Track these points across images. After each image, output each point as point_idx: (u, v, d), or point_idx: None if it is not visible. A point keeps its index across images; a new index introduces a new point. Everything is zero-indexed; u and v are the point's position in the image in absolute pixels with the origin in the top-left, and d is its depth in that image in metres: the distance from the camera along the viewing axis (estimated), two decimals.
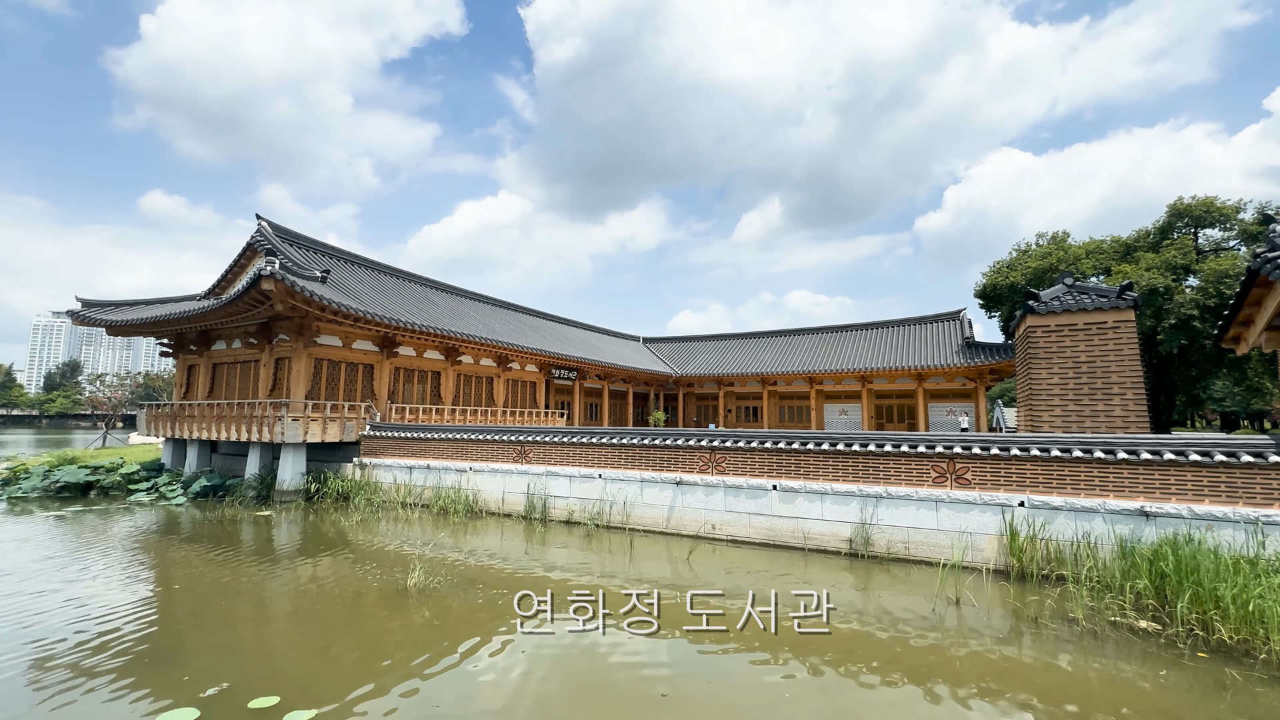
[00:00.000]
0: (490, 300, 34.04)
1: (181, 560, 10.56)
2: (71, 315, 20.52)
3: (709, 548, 11.34)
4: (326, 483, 17.35)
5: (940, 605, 8.05)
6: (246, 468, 18.22)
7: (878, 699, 5.55)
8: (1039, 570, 9.10)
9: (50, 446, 39.46)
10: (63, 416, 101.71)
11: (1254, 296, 9.28)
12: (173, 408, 20.13)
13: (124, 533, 13.00)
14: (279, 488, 17.00)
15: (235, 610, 7.95)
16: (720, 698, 5.58)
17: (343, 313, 16.88)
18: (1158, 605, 7.76)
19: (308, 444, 17.89)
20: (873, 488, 10.66)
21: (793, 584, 9.09)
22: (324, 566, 10.21)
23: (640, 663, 6.31)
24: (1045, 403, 12.57)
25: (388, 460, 17.34)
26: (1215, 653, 6.51)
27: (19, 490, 17.83)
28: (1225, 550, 7.89)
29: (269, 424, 17.09)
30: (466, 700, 5.50)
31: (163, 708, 5.23)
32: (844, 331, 41.57)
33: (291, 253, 20.66)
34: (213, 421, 18.70)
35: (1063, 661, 6.37)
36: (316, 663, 6.28)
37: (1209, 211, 28.91)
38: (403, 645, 6.74)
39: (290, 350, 18.18)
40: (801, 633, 6.87)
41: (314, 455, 18.64)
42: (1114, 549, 8.73)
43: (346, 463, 18.15)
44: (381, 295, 23.01)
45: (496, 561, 10.54)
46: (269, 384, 18.57)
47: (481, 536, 12.64)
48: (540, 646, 6.71)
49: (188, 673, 5.91)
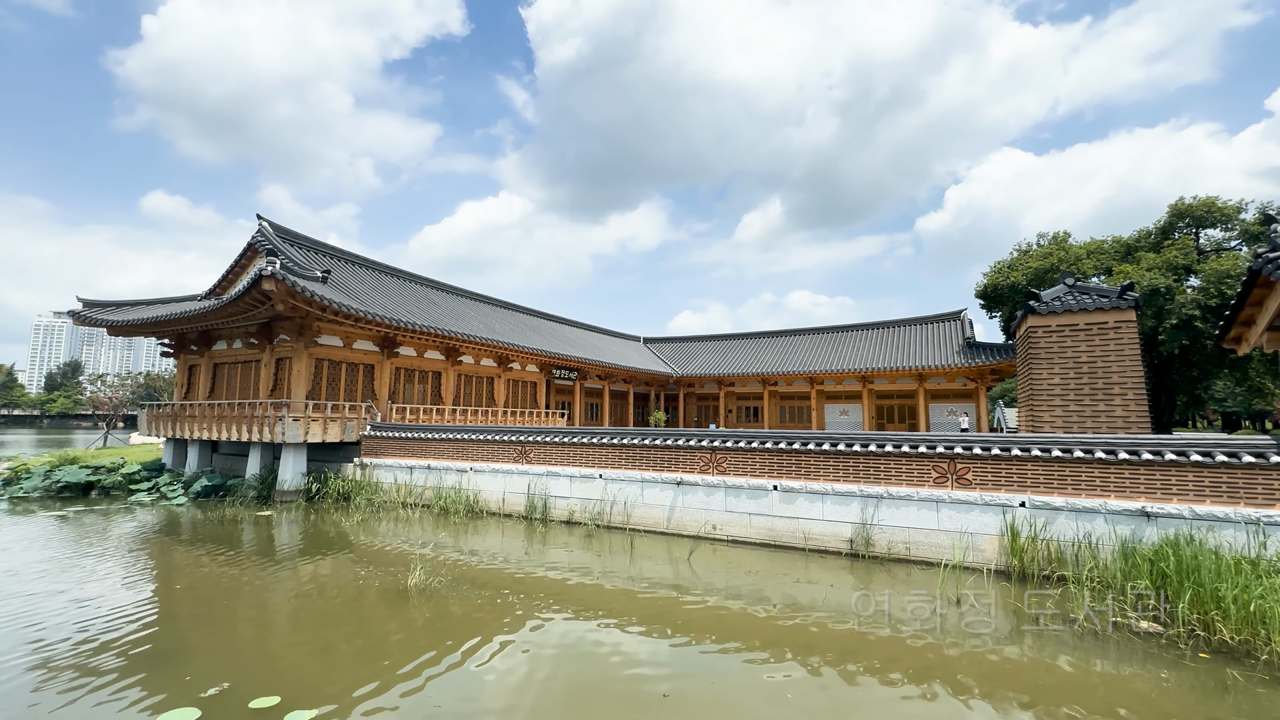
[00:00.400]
0: (491, 300, 34.05)
1: (182, 560, 10.56)
2: (73, 315, 20.53)
3: (710, 548, 11.34)
4: (327, 483, 17.36)
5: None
6: (247, 468, 18.23)
7: (878, 698, 5.54)
8: (1040, 571, 9.09)
9: (51, 446, 39.50)
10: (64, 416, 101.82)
11: (1255, 297, 9.26)
12: (174, 408, 20.14)
13: (125, 533, 13.01)
14: (280, 488, 17.01)
15: (236, 610, 7.95)
16: (721, 698, 5.58)
17: (343, 313, 16.89)
18: (1159, 606, 7.75)
19: (309, 444, 17.90)
20: (873, 488, 10.65)
21: (793, 584, 9.08)
22: (325, 566, 10.22)
23: (641, 663, 6.30)
24: (1046, 403, 12.55)
25: (388, 460, 17.35)
26: (1216, 653, 6.50)
27: (20, 490, 17.85)
28: (1226, 551, 7.88)
29: (270, 424, 17.10)
30: (468, 700, 5.50)
31: (164, 707, 5.23)
32: (845, 332, 41.54)
33: (292, 253, 20.67)
34: (214, 421, 18.71)
35: (1063, 662, 6.37)
36: (317, 663, 6.28)
37: (1210, 212, 28.87)
38: (404, 645, 6.74)
39: (291, 350, 18.19)
40: (802, 633, 6.86)
41: (315, 455, 18.65)
42: (1115, 549, 8.71)
43: (347, 463, 18.15)
44: (382, 295, 23.01)
45: (498, 562, 10.54)
46: (270, 384, 18.58)
47: (482, 537, 12.64)
48: (542, 647, 6.71)
49: (189, 672, 5.91)
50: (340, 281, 21.20)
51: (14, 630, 7.10)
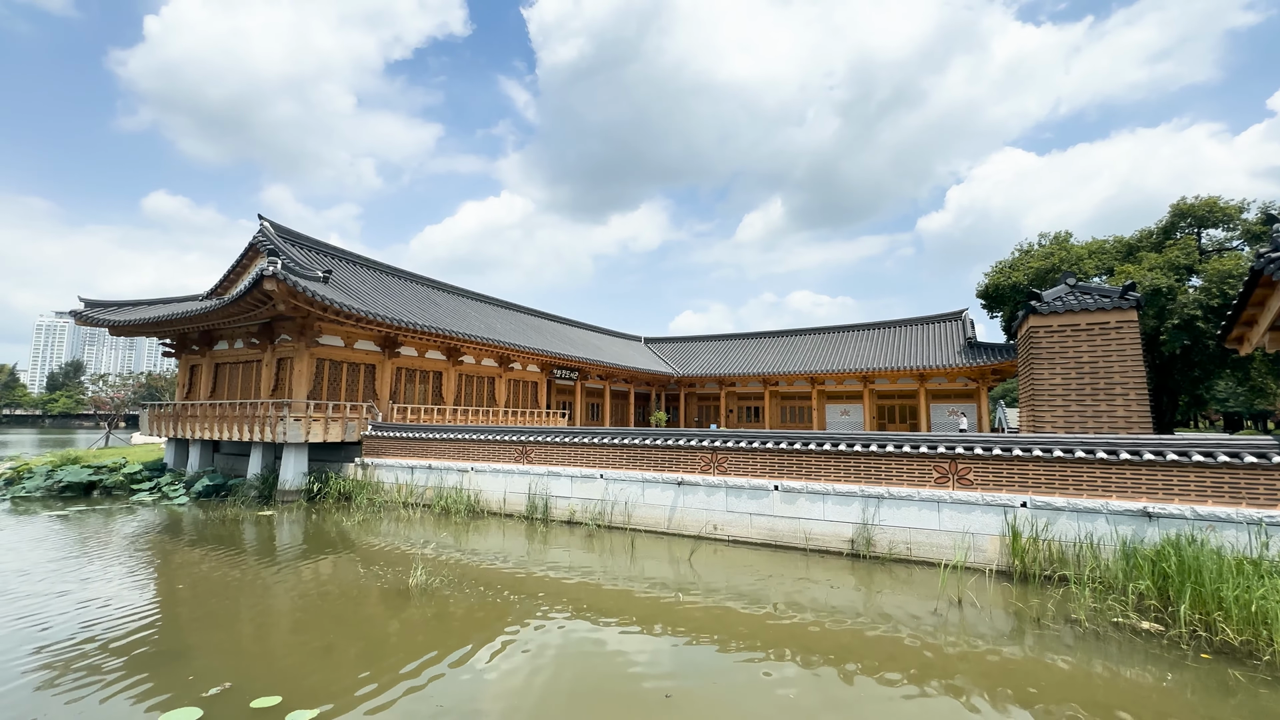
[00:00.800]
0: (492, 300, 34.08)
1: (184, 561, 10.59)
2: (74, 315, 20.58)
3: (710, 548, 11.35)
4: (329, 483, 17.39)
5: (942, 606, 8.04)
6: (249, 468, 18.26)
7: (878, 697, 5.55)
8: (1041, 571, 9.08)
9: (53, 446, 39.58)
10: (66, 416, 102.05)
11: (1257, 297, 9.25)
12: (175, 408, 20.18)
13: (128, 533, 13.04)
14: (281, 487, 17.04)
15: (238, 610, 7.97)
16: (722, 698, 5.58)
17: (344, 313, 16.92)
18: (1160, 606, 7.74)
19: (310, 444, 17.93)
20: (874, 488, 10.65)
21: (794, 584, 9.08)
22: (326, 566, 10.24)
23: (643, 662, 6.31)
24: (1048, 403, 12.54)
25: (390, 460, 17.37)
26: (1218, 654, 6.50)
27: (22, 490, 17.90)
28: (1228, 551, 7.88)
29: (271, 424, 17.13)
30: (469, 700, 5.51)
31: (167, 706, 5.25)
32: (846, 332, 41.53)
33: (294, 253, 20.70)
34: (215, 421, 18.75)
35: (1063, 663, 6.37)
36: (319, 662, 6.30)
37: (1212, 211, 28.83)
38: (405, 645, 6.75)
39: (292, 350, 18.22)
40: (802, 633, 6.86)
41: (316, 455, 18.68)
42: (1117, 550, 8.71)
43: (348, 463, 18.18)
44: (384, 295, 23.04)
45: (499, 562, 10.55)
46: (271, 384, 18.61)
47: (484, 536, 12.66)
48: (543, 646, 6.72)
49: (191, 672, 5.92)
50: (341, 281, 21.22)
51: (19, 630, 7.12)
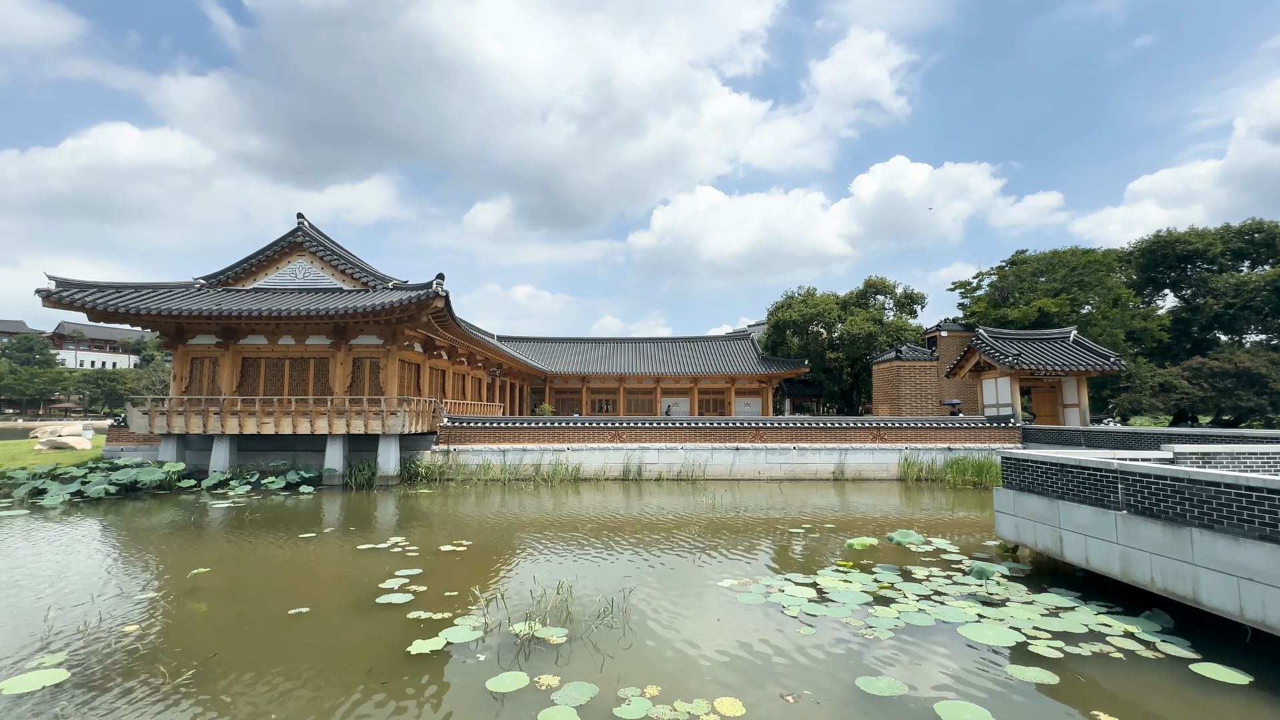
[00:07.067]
0: None
1: (446, 521, 14.84)
2: (44, 296, 17.59)
3: (756, 485, 20.39)
4: (415, 467, 20.27)
5: (880, 496, 18.94)
6: (325, 461, 19.54)
7: (841, 524, 15.76)
8: (915, 476, 20.93)
9: None
10: None
11: (969, 355, 22.89)
12: (202, 402, 19.27)
13: (379, 515, 15.36)
14: (382, 473, 19.39)
15: (528, 520, 13.91)
16: (796, 493, 15.05)
17: (464, 335, 20.24)
18: (956, 478, 20.06)
19: (401, 435, 20.32)
20: (843, 445, 21.30)
21: (803, 495, 18.94)
22: (514, 503, 15.91)
23: (728, 521, 15.31)
24: (907, 402, 25.36)
25: (477, 446, 21.21)
26: (979, 488, 18.76)
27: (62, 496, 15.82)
28: (976, 457, 20.72)
29: (365, 417, 19.26)
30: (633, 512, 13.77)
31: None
32: (678, 343, 53.70)
33: (341, 252, 21.59)
34: (279, 415, 19.24)
35: (926, 499, 17.69)
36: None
37: (882, 286, 49.55)
38: (553, 528, 14.28)
39: (380, 353, 20.19)
40: (806, 517, 16.82)
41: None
42: (943, 463, 21.04)
43: (424, 450, 21.09)
44: None
45: (610, 507, 17.71)
46: (346, 381, 20.10)
47: (593, 494, 19.11)
48: (653, 530, 15.07)
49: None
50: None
51: None
